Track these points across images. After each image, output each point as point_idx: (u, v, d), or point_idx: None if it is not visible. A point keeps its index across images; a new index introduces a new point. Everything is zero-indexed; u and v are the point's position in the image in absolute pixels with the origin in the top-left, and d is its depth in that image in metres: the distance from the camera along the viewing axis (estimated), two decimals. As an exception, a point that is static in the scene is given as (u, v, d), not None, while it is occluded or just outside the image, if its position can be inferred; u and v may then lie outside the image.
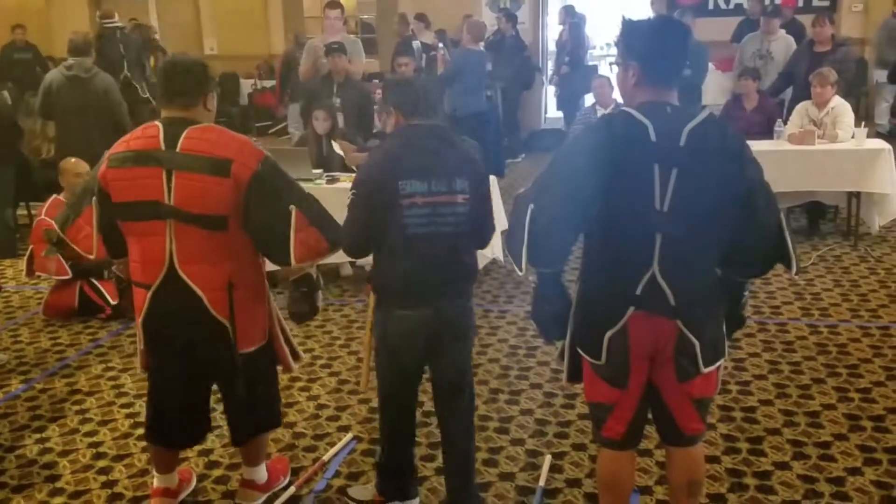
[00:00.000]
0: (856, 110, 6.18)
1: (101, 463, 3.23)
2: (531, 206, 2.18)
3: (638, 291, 2.14)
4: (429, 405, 3.22)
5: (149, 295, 2.52)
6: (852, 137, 5.62)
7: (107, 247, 2.64)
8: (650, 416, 2.37)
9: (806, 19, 7.60)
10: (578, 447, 3.21)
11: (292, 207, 2.49)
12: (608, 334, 2.20)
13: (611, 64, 2.35)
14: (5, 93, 6.82)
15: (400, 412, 2.70)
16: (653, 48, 2.17)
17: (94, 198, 2.56)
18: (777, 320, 4.42)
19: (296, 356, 2.87)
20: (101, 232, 2.59)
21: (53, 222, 2.82)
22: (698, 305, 2.19)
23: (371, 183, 2.51)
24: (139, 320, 2.60)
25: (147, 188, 2.45)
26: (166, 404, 2.69)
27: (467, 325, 2.68)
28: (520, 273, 2.27)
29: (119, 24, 8.79)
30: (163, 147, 2.45)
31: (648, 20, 2.42)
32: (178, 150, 2.44)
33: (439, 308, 2.54)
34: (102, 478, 3.12)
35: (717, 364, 2.27)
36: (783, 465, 3.03)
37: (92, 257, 2.67)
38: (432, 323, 2.54)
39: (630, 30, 2.23)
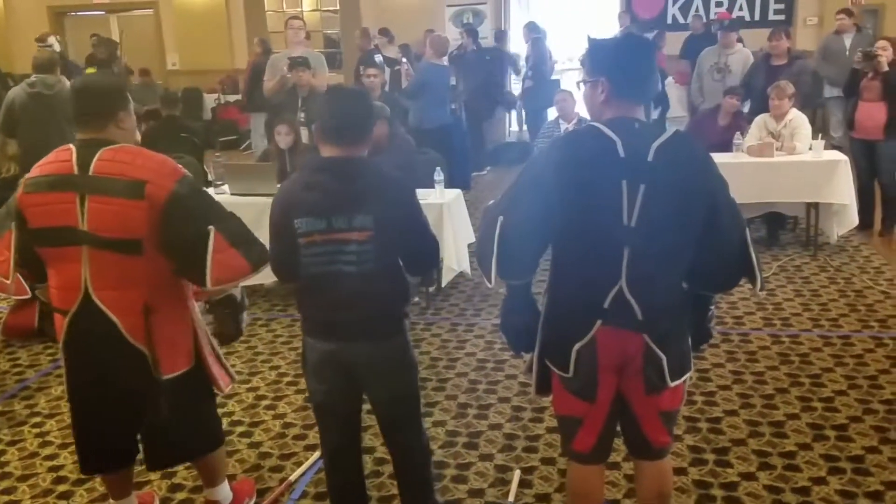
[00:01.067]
0: (812, 122, 6.31)
1: (62, 487, 3.15)
2: (500, 218, 2.18)
3: (605, 305, 2.15)
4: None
5: (66, 321, 2.45)
6: (810, 149, 5.76)
7: (29, 271, 2.56)
8: (619, 429, 2.38)
9: (762, 33, 7.75)
10: (547, 461, 3.20)
11: (211, 228, 2.40)
12: (576, 347, 2.20)
13: (578, 83, 2.36)
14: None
15: (333, 440, 2.56)
16: (621, 63, 2.19)
17: (13, 223, 2.49)
18: (740, 330, 4.48)
19: (229, 377, 2.77)
20: (20, 256, 2.50)
21: None
22: (665, 320, 2.20)
23: (272, 218, 2.43)
24: (60, 345, 2.54)
25: (61, 213, 2.37)
26: (87, 430, 2.60)
27: (391, 364, 2.46)
28: (489, 285, 2.27)
29: (55, 49, 8.11)
30: (76, 171, 2.37)
31: (615, 38, 2.46)
32: (90, 173, 2.36)
33: (346, 348, 2.40)
34: (63, 503, 3.04)
35: (684, 378, 2.29)
36: (749, 476, 3.06)
37: (8, 282, 2.55)
38: (341, 359, 2.42)
39: (598, 47, 2.26)
